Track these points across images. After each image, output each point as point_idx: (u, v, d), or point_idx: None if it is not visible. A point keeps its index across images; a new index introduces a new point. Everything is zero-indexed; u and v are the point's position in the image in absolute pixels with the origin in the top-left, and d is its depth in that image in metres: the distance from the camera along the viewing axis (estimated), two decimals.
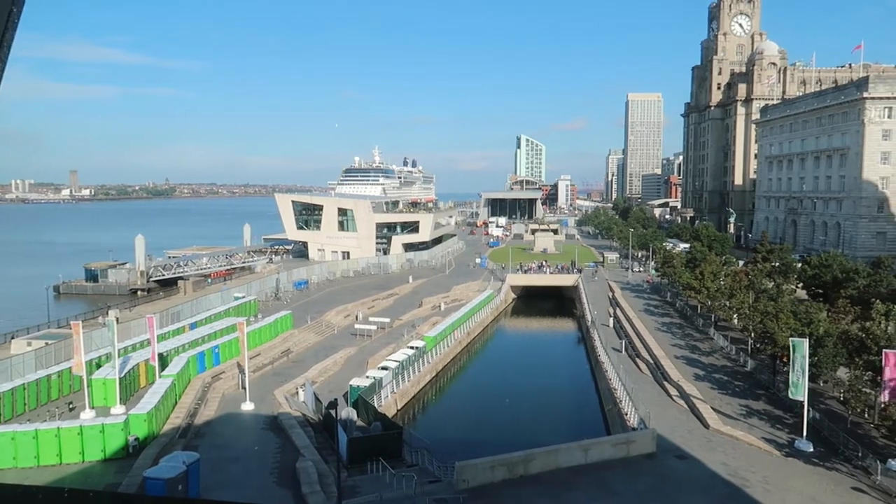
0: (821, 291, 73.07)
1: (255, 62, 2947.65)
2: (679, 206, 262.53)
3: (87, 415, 41.29)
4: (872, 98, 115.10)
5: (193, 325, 65.50)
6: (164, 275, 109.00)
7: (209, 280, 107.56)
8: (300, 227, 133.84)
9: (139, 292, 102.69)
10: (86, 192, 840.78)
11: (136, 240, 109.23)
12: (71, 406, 44.33)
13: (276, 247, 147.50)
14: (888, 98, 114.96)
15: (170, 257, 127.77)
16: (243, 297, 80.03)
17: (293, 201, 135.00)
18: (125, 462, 35.34)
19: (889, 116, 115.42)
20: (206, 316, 69.83)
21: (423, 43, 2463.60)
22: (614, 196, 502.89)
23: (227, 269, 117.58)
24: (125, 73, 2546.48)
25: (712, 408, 44.60)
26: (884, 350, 38.32)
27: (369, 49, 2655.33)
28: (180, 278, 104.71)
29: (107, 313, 72.10)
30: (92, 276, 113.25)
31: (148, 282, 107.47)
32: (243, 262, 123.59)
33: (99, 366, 48.68)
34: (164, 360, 50.57)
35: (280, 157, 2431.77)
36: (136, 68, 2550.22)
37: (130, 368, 48.21)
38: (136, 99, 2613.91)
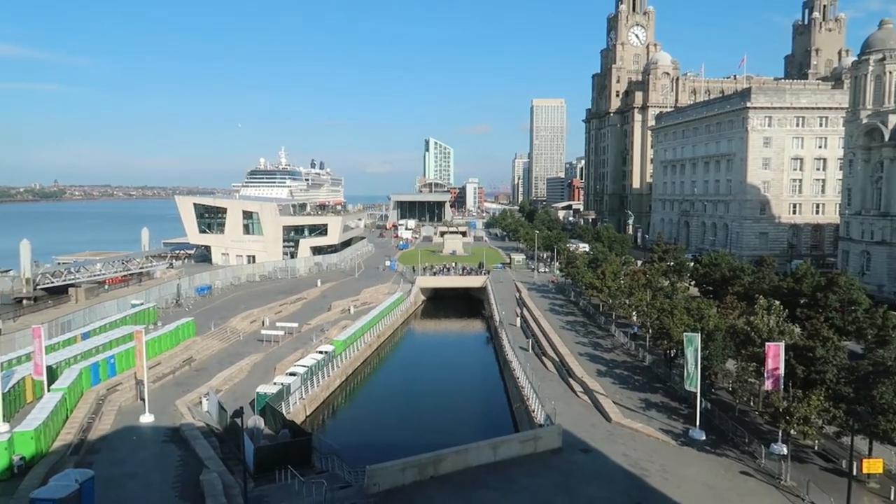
0: (711, 289, 77.56)
1: (154, 60, 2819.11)
2: (582, 209, 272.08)
3: None
4: (755, 108, 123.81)
5: (86, 335, 62.05)
6: (52, 282, 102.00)
7: (105, 287, 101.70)
8: (203, 231, 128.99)
9: (24, 301, 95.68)
10: None
11: (20, 245, 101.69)
12: None
13: (177, 251, 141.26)
14: (768, 108, 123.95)
15: (59, 263, 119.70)
16: (141, 304, 76.44)
17: (195, 204, 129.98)
18: (10, 484, 33.17)
19: (769, 125, 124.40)
20: (101, 325, 66.38)
21: (332, 47, 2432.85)
22: (520, 199, 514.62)
23: (124, 275, 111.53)
24: None
25: (614, 402, 46.58)
26: (766, 342, 41.30)
27: (275, 51, 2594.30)
28: (71, 285, 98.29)
29: None
30: None
31: (35, 290, 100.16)
32: (141, 268, 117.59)
33: None
34: (53, 373, 47.52)
35: (180, 157, 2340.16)
36: (12, 61, 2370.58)
37: (15, 383, 45.12)
38: (12, 95, 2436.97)
